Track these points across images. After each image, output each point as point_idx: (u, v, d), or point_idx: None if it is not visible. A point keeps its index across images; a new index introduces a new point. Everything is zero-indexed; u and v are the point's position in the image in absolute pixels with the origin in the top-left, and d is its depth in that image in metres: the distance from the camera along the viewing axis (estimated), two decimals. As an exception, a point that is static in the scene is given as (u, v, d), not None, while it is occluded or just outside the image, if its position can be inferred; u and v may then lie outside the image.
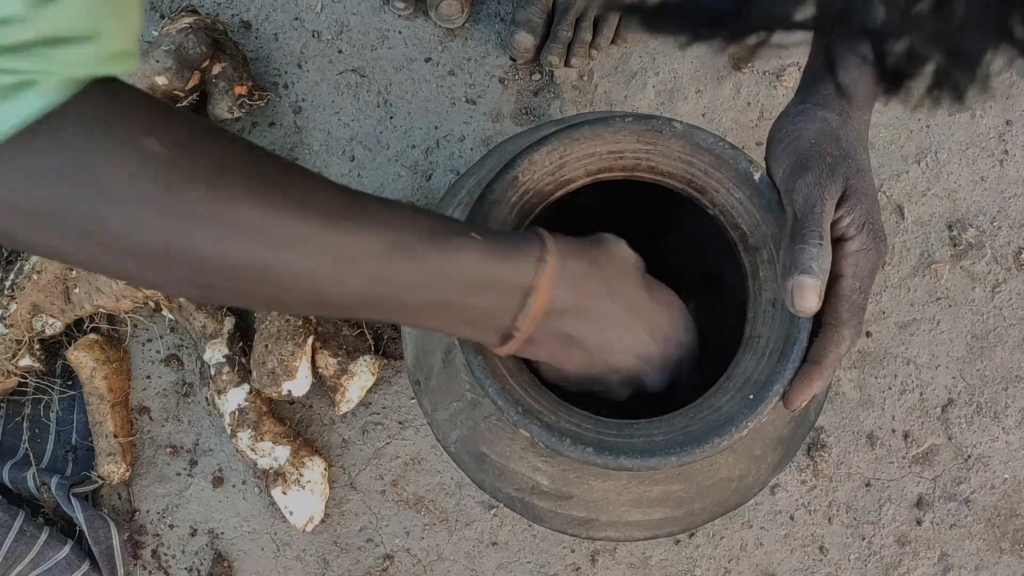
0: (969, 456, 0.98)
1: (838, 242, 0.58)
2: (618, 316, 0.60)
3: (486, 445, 0.67)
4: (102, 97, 0.44)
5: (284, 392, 0.91)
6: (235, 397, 0.92)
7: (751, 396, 0.59)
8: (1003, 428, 0.98)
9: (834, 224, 0.57)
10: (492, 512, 0.96)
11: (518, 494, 0.68)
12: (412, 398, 0.97)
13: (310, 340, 0.91)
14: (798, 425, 0.70)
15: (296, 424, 0.96)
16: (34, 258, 0.90)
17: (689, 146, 0.63)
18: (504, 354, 0.58)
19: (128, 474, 0.93)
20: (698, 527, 0.71)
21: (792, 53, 1.02)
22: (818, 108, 0.60)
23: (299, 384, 0.91)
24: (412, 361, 0.72)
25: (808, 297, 0.56)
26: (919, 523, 0.97)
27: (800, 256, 0.56)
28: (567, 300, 0.57)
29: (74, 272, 0.90)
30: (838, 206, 0.57)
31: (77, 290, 0.90)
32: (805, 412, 0.70)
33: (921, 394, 0.99)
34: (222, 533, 0.96)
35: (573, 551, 0.96)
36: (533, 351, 0.59)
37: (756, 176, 0.62)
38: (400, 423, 0.97)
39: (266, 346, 0.90)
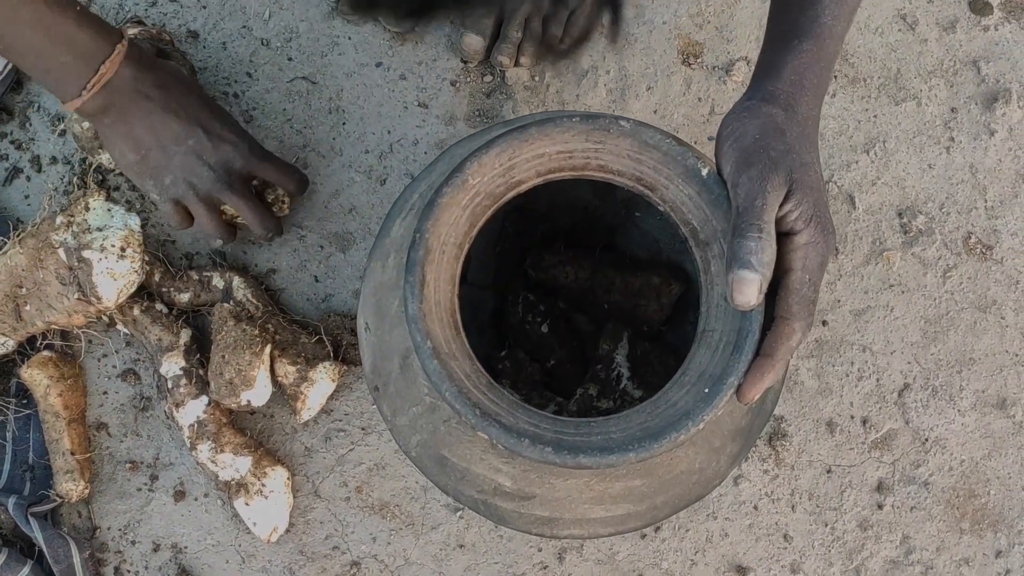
0: (927, 439, 1.00)
1: (787, 236, 0.58)
2: (167, 105, 0.83)
3: (447, 449, 0.67)
4: None
5: (243, 402, 0.90)
6: (194, 409, 0.91)
7: (706, 390, 0.59)
8: (958, 410, 1.00)
9: (782, 219, 0.58)
10: (458, 515, 0.96)
11: (481, 496, 0.68)
12: (374, 403, 0.96)
13: (268, 349, 0.90)
14: (756, 416, 0.71)
15: (257, 434, 0.95)
16: (-17, 276, 0.89)
17: (637, 144, 0.63)
18: (72, 108, 0.80)
19: (87, 491, 0.92)
20: (661, 521, 0.72)
21: (739, 48, 1.03)
22: (763, 104, 0.61)
23: (258, 393, 0.90)
24: (370, 367, 0.72)
25: (747, 291, 0.56)
26: (880, 507, 0.99)
27: (739, 250, 0.56)
28: (128, 79, 0.80)
29: (24, 289, 0.88)
30: (785, 201, 0.57)
31: (28, 307, 0.89)
32: (762, 403, 0.70)
33: (878, 380, 1.00)
34: (185, 547, 0.95)
35: (540, 550, 0.96)
36: (99, 118, 0.83)
37: (704, 172, 0.62)
38: (363, 429, 0.96)
39: (223, 356, 0.89)
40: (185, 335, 0.92)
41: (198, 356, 0.93)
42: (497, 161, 0.63)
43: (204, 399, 0.91)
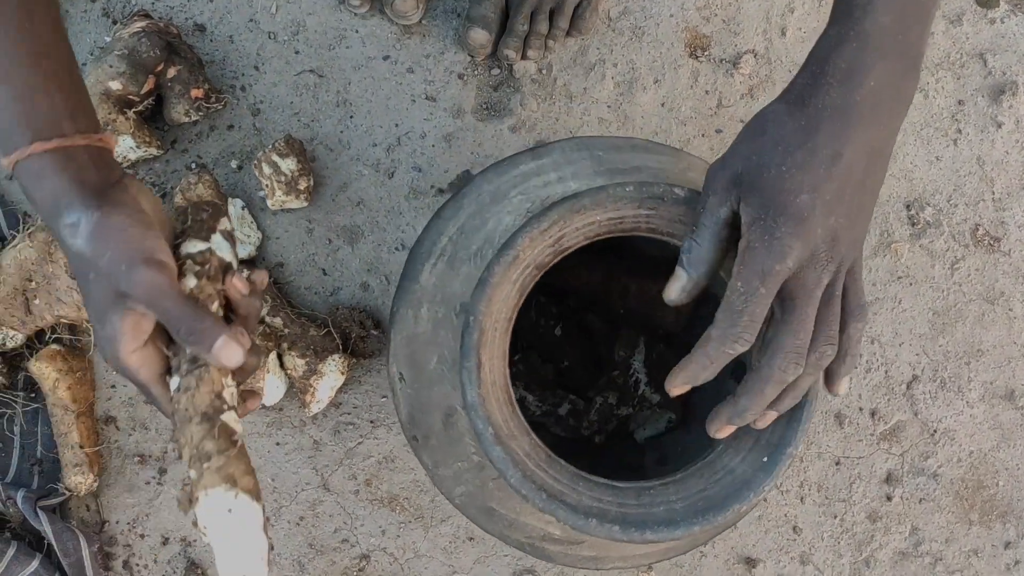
0: (935, 431, 1.00)
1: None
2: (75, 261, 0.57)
3: (495, 502, 0.67)
4: None
5: (257, 408, 0.91)
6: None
7: (765, 459, 0.59)
8: (967, 402, 1.00)
9: (739, 223, 0.55)
10: (467, 507, 0.96)
11: (528, 541, 0.69)
12: (383, 396, 0.96)
13: (271, 357, 0.90)
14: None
15: (269, 425, 0.95)
16: (-9, 269, 0.89)
17: (690, 211, 0.61)
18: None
19: (96, 485, 0.92)
20: (699, 546, 0.72)
21: (747, 41, 1.03)
22: (772, 103, 0.57)
23: (271, 396, 0.92)
24: (407, 418, 0.72)
25: (670, 287, 0.57)
26: (889, 499, 0.99)
27: (681, 248, 0.57)
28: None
29: (34, 283, 0.88)
30: (739, 201, 0.55)
31: (37, 301, 0.89)
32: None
33: (886, 372, 1.00)
34: (194, 541, 0.95)
35: (550, 542, 0.96)
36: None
37: None
38: (372, 422, 0.96)
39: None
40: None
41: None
42: (548, 234, 0.61)
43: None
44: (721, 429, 0.58)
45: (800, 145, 0.54)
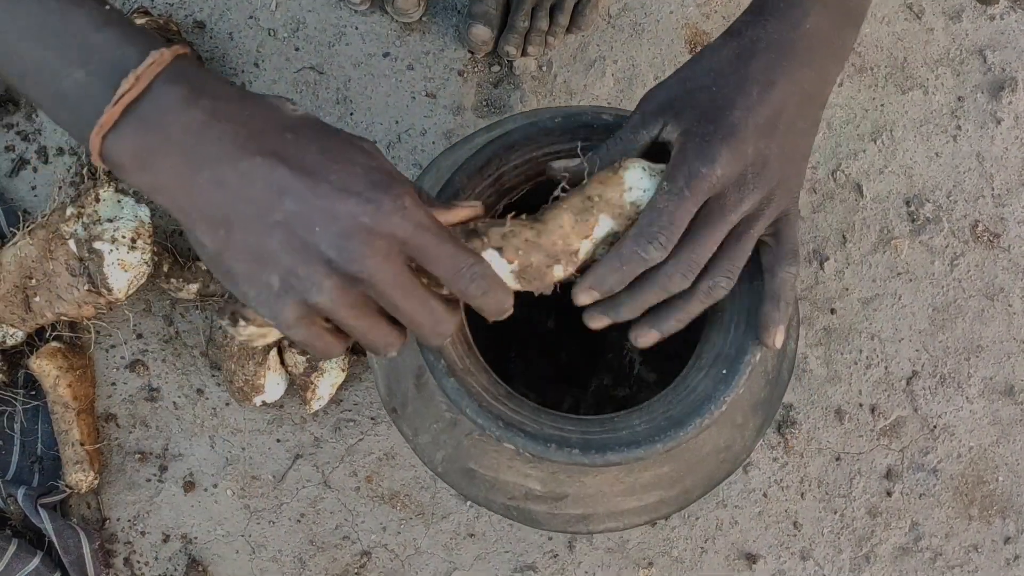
0: (935, 426, 1.00)
1: None
2: (245, 144, 0.48)
3: (473, 461, 0.67)
4: None
5: (258, 404, 0.92)
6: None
7: (724, 371, 0.59)
8: (967, 398, 1.00)
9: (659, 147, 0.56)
10: (468, 504, 0.96)
11: (512, 502, 0.68)
12: (393, 425, 0.96)
13: (272, 354, 0.90)
14: (773, 386, 0.70)
15: (269, 422, 0.95)
16: (-9, 267, 0.88)
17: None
18: (94, 155, 0.49)
19: (97, 482, 0.92)
20: (694, 502, 0.71)
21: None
22: (718, 36, 0.59)
23: (271, 394, 0.92)
24: (384, 390, 0.72)
25: (557, 161, 0.58)
26: (889, 494, 0.99)
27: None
28: (174, 105, 0.48)
29: (34, 280, 0.88)
30: (665, 127, 0.55)
31: (38, 298, 0.89)
32: (778, 372, 0.70)
33: (886, 368, 1.00)
34: (195, 538, 0.95)
35: (550, 538, 0.96)
36: (138, 174, 0.49)
37: None
38: (372, 419, 0.96)
39: (230, 366, 0.90)
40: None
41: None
42: (486, 173, 0.61)
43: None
44: (594, 318, 0.56)
45: (734, 71, 0.55)
